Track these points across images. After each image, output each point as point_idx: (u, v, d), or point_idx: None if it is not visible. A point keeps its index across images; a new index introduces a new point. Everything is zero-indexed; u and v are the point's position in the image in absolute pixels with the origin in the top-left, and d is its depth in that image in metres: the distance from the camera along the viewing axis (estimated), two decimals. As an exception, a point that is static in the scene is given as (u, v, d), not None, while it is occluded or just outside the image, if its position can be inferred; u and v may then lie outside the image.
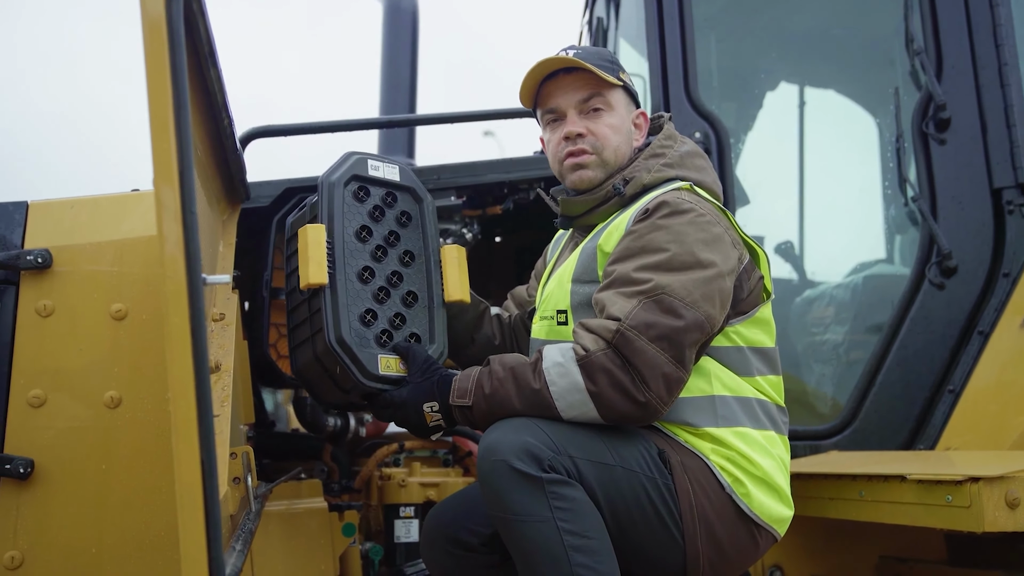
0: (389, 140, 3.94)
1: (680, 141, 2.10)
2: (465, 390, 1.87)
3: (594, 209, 2.06)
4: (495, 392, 1.83)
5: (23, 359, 1.95)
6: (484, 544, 1.98)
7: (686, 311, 1.79)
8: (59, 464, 1.92)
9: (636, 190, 2.02)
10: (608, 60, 2.06)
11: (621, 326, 1.77)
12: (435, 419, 1.92)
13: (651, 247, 1.85)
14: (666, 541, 1.83)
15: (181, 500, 1.19)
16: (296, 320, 2.10)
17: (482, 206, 3.04)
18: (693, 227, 1.87)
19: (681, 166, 2.05)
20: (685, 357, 1.81)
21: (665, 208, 1.89)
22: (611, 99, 2.04)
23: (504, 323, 2.34)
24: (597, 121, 2.04)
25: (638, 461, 1.82)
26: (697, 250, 1.84)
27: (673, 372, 1.79)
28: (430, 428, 1.94)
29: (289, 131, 2.79)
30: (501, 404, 1.82)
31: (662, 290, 1.80)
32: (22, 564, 1.88)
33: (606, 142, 2.03)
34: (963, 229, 2.98)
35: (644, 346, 1.76)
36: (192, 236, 1.22)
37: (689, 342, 1.81)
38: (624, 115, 2.07)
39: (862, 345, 3.27)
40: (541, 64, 2.04)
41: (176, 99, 1.23)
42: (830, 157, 3.90)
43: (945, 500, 2.13)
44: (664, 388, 1.78)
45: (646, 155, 2.06)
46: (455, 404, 1.88)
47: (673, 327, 1.78)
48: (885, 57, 3.48)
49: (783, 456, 2.00)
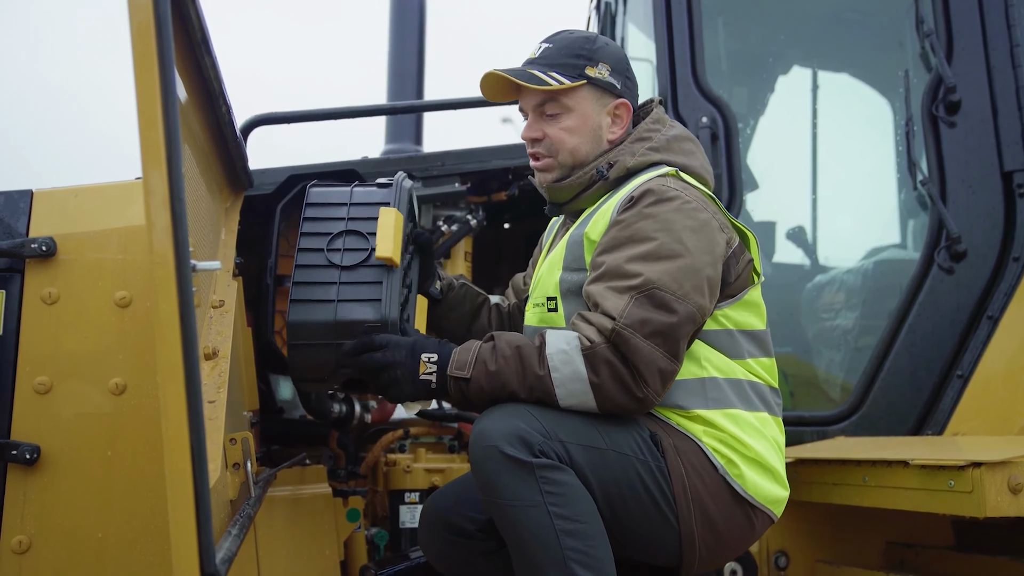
0: (396, 127, 3.94)
1: (668, 125, 2.09)
2: (464, 362, 1.85)
3: (580, 194, 2.06)
4: (500, 371, 1.82)
5: (29, 346, 1.98)
6: (481, 530, 2.00)
7: (678, 305, 1.80)
8: (65, 450, 1.94)
9: (620, 173, 2.02)
10: (575, 55, 2.02)
11: (616, 325, 1.78)
12: (428, 371, 1.86)
13: (638, 237, 1.85)
14: (660, 524, 1.84)
15: (171, 485, 1.20)
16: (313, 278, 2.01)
17: (487, 192, 3.04)
18: (680, 214, 1.86)
19: (667, 150, 2.04)
20: (679, 350, 1.83)
21: (651, 196, 1.88)
22: (568, 101, 2.02)
23: (503, 312, 2.34)
24: (553, 125, 2.04)
25: (630, 444, 1.83)
26: (685, 238, 1.84)
27: (668, 366, 1.81)
28: (418, 381, 1.86)
29: (293, 118, 2.80)
30: (503, 384, 1.81)
31: (653, 284, 1.80)
32: (29, 548, 1.91)
33: (561, 145, 2.03)
34: (973, 213, 2.95)
35: (640, 343, 1.77)
36: (180, 222, 1.23)
37: (682, 335, 1.83)
38: (588, 112, 2.03)
39: (872, 330, 3.25)
40: (484, 80, 2.05)
41: (163, 84, 1.23)
42: (841, 141, 3.86)
43: (947, 485, 2.12)
44: (659, 382, 1.81)
45: (632, 139, 2.05)
46: (452, 375, 1.84)
47: (667, 323, 1.79)
48: (895, 39, 3.44)
49: (777, 437, 2.00)
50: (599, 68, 2.03)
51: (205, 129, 2.02)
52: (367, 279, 1.99)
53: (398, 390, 1.88)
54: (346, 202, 2.09)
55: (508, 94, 2.09)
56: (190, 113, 1.86)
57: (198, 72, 1.82)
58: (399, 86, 4.00)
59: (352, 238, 2.04)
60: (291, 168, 2.74)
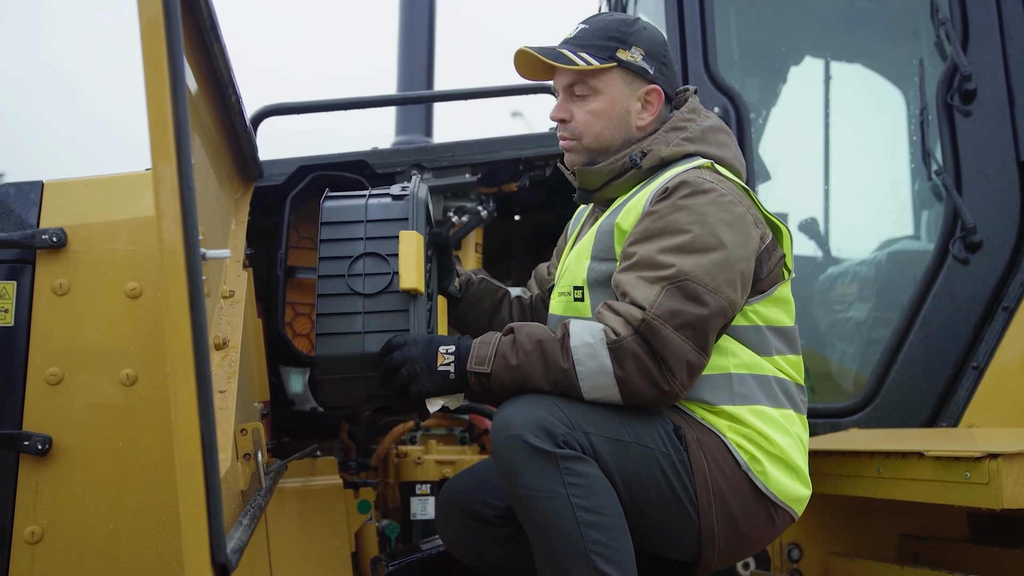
0: (406, 118, 3.92)
1: (703, 115, 2.06)
2: (484, 357, 1.82)
3: (611, 182, 2.03)
4: (521, 365, 1.79)
5: (40, 337, 1.98)
6: (499, 516, 1.99)
7: (709, 297, 1.78)
8: (77, 441, 1.95)
9: (654, 163, 1.99)
10: (608, 37, 2.00)
11: (647, 315, 1.76)
12: (446, 362, 1.84)
13: (672, 228, 1.82)
14: (681, 519, 1.82)
15: (181, 474, 1.20)
16: (336, 308, 1.98)
17: (497, 183, 3.02)
18: (715, 207, 1.83)
19: (702, 141, 2.01)
20: (708, 344, 1.80)
21: (686, 188, 1.86)
22: (597, 84, 2.00)
23: (524, 305, 2.32)
24: (580, 107, 2.02)
25: (653, 438, 1.81)
26: (719, 231, 1.81)
27: (696, 359, 1.78)
28: (436, 372, 1.84)
29: (303, 109, 2.78)
30: (525, 379, 1.79)
31: (685, 276, 1.78)
32: (42, 538, 1.91)
33: (586, 129, 2.02)
34: (988, 203, 2.92)
35: (670, 335, 1.75)
36: (190, 211, 1.22)
37: (712, 328, 1.80)
38: (617, 96, 2.01)
39: (885, 322, 3.22)
40: (516, 57, 2.03)
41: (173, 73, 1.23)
42: (853, 132, 3.83)
43: (963, 477, 2.10)
44: (687, 375, 1.78)
45: (667, 128, 2.02)
46: (472, 370, 1.82)
47: (698, 315, 1.76)
48: (909, 28, 3.40)
49: (801, 435, 1.97)
50: (632, 52, 2.00)
51: (214, 119, 2.02)
52: (392, 307, 1.96)
53: (417, 385, 1.85)
54: (362, 219, 2.04)
55: (542, 73, 2.06)
56: (199, 102, 1.85)
57: (207, 60, 1.81)
58: (409, 77, 3.99)
59: (372, 261, 2.00)
60: (301, 159, 2.73)
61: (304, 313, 2.84)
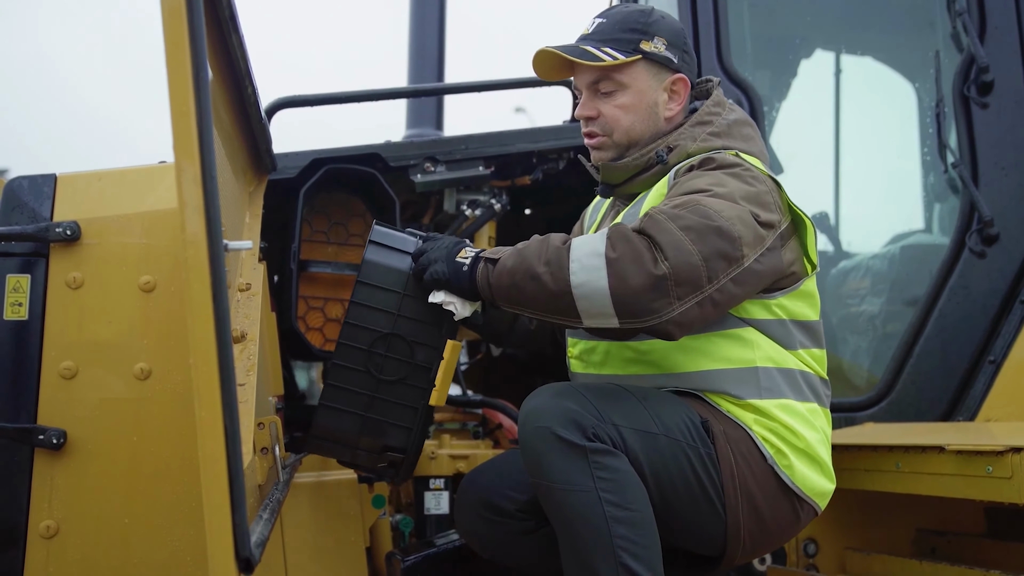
0: (417, 112, 3.91)
1: (728, 108, 2.04)
2: (499, 250, 1.88)
3: (636, 177, 2.02)
4: (525, 248, 1.80)
5: (54, 331, 1.97)
6: (520, 510, 1.97)
7: (719, 219, 1.70)
8: (91, 435, 1.94)
9: (680, 159, 1.97)
10: (629, 29, 1.98)
11: (652, 211, 1.72)
12: (465, 255, 1.89)
13: (693, 188, 1.80)
14: (707, 512, 1.81)
15: (204, 468, 1.18)
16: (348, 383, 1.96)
17: (511, 176, 3.00)
18: (736, 179, 1.82)
19: (728, 135, 1.99)
20: (712, 263, 1.67)
21: (711, 163, 1.86)
22: (623, 78, 1.98)
23: None
24: (607, 103, 2.00)
25: (681, 430, 1.79)
26: (738, 195, 1.78)
27: (699, 266, 1.65)
28: (454, 261, 1.88)
29: (316, 101, 2.77)
30: (524, 260, 1.78)
31: (697, 202, 1.73)
32: (57, 533, 1.91)
33: (616, 124, 2.00)
34: (1005, 195, 2.90)
35: (672, 228, 1.67)
36: (212, 201, 1.21)
37: (717, 248, 1.68)
38: (644, 89, 1.99)
39: (899, 316, 3.20)
40: (536, 58, 2.01)
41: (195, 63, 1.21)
42: (866, 124, 3.81)
43: (985, 471, 2.08)
44: (685, 274, 1.64)
45: (692, 122, 2.00)
46: (485, 256, 1.86)
47: (703, 223, 1.68)
48: (925, 19, 3.38)
49: (826, 429, 1.96)
50: (655, 42, 1.98)
51: (230, 110, 2.00)
52: (403, 400, 1.96)
53: (433, 268, 1.90)
54: (401, 290, 1.96)
55: (561, 72, 2.04)
56: (216, 93, 1.83)
57: (225, 52, 1.80)
58: (420, 69, 3.97)
59: (397, 343, 1.94)
60: (314, 152, 2.71)
61: (317, 307, 2.83)
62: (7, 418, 1.91)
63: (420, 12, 4.06)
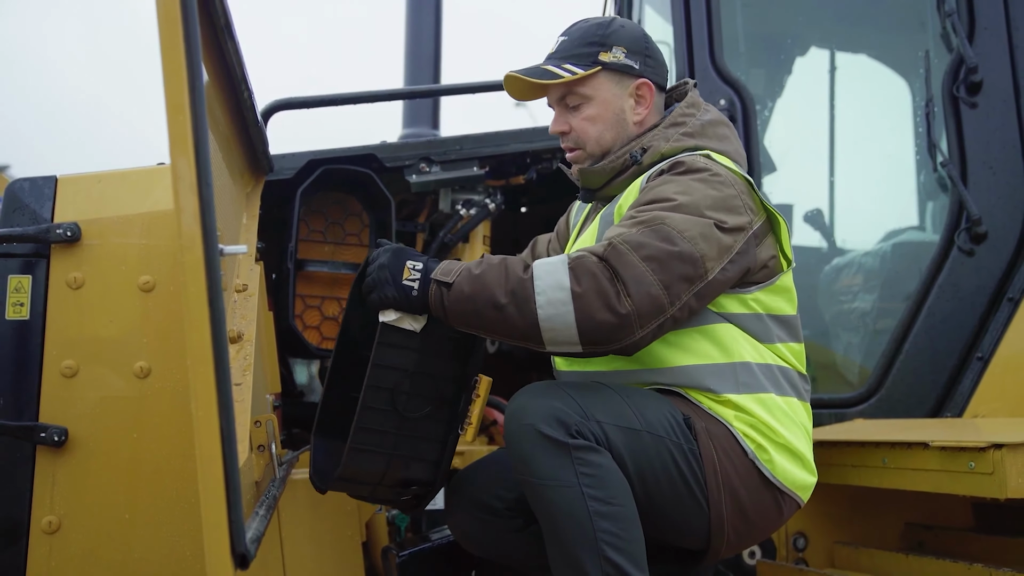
0: (413, 112, 3.94)
1: (703, 109, 2.08)
2: (450, 270, 1.82)
3: (613, 180, 2.06)
4: (483, 274, 1.78)
5: (55, 330, 2.01)
6: (509, 508, 2.01)
7: (681, 242, 1.76)
8: (92, 432, 1.98)
9: (654, 159, 2.01)
10: (587, 43, 2.03)
11: (614, 240, 1.76)
12: (412, 277, 1.81)
13: (659, 197, 1.85)
14: (691, 507, 1.85)
15: (201, 465, 1.22)
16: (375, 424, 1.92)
17: (505, 176, 3.04)
18: (704, 184, 1.86)
19: (702, 135, 2.03)
20: (674, 288, 1.75)
21: (680, 166, 1.90)
22: (586, 91, 2.03)
23: None
24: (576, 116, 2.06)
25: (664, 427, 1.83)
26: (703, 205, 1.83)
27: (660, 295, 1.73)
28: (401, 285, 1.81)
29: (312, 103, 2.80)
30: (484, 286, 1.77)
31: (661, 221, 1.78)
32: (59, 529, 1.95)
33: (586, 136, 2.06)
34: (994, 194, 2.92)
35: (634, 261, 1.73)
36: (208, 207, 1.24)
37: (679, 273, 1.75)
38: (608, 98, 2.04)
39: (890, 313, 3.23)
40: (505, 83, 2.08)
41: (190, 69, 1.24)
42: (859, 123, 3.83)
43: (968, 467, 2.12)
44: (647, 307, 1.72)
45: (666, 123, 2.05)
46: (436, 278, 1.81)
47: (665, 250, 1.74)
48: (916, 19, 3.41)
49: (805, 423, 2.00)
50: (613, 52, 2.03)
51: (227, 114, 2.04)
52: (429, 435, 1.95)
53: (379, 292, 1.83)
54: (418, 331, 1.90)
55: (532, 92, 2.10)
56: (213, 98, 1.87)
57: (221, 57, 1.83)
58: (416, 70, 4.00)
59: (421, 380, 1.92)
60: (311, 152, 2.75)
61: (314, 306, 2.86)
62: (9, 416, 1.95)
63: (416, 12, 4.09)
